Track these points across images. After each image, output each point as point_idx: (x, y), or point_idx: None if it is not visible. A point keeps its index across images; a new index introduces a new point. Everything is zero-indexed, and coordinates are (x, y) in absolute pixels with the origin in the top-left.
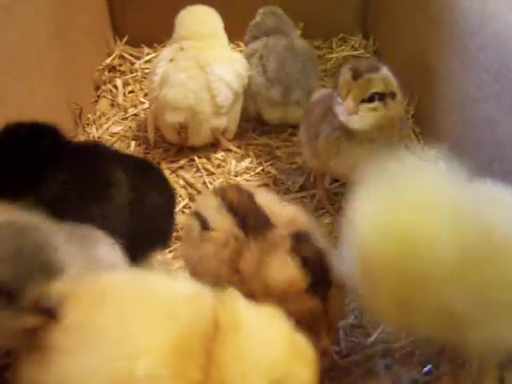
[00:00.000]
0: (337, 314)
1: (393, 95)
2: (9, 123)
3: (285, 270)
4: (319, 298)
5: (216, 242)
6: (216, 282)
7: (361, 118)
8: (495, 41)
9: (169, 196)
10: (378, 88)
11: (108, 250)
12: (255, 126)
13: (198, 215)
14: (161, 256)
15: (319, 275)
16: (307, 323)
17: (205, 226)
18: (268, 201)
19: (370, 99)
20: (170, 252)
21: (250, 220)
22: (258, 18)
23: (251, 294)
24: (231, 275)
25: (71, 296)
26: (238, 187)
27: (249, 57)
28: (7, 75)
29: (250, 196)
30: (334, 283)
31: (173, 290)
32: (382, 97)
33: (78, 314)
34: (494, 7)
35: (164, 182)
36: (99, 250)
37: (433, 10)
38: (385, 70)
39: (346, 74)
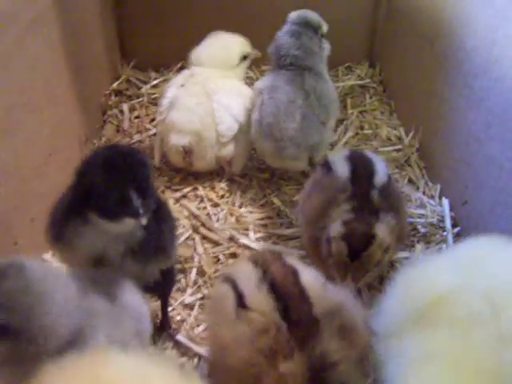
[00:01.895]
0: None
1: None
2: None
3: None
4: None
5: (253, 325)
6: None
7: None
8: (500, 84)
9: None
10: (377, 260)
11: (134, 297)
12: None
13: (233, 286)
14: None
15: None
16: None
17: (241, 302)
18: (313, 283)
19: None
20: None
21: (293, 310)
22: (281, 41)
23: None
24: (268, 369)
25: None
26: (281, 261)
27: (255, 96)
28: (16, 106)
29: (295, 275)
30: None
31: None
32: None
33: None
34: (499, 51)
35: None
36: (126, 297)
37: (439, 48)
38: (381, 229)
39: (340, 247)
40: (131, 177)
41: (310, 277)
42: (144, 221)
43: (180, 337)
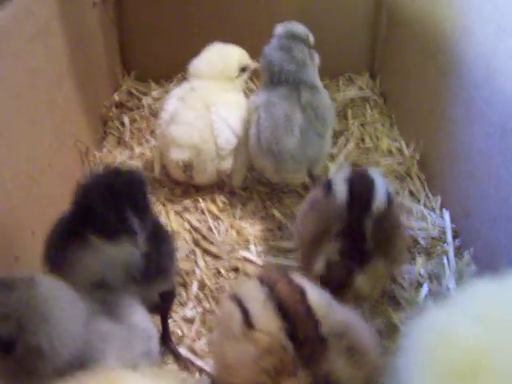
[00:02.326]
0: None
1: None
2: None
3: None
4: None
5: (259, 344)
6: None
7: None
8: (501, 96)
9: None
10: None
11: (142, 317)
12: None
13: (240, 305)
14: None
15: None
16: None
17: (247, 321)
18: (319, 302)
19: None
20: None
21: (299, 328)
22: (271, 56)
23: None
24: None
25: None
26: (288, 279)
27: (251, 112)
28: (17, 119)
29: (302, 293)
30: None
31: None
32: None
33: None
34: (498, 63)
35: None
36: (134, 317)
37: (440, 60)
38: (360, 280)
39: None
40: (128, 196)
41: (317, 296)
42: (140, 240)
43: (181, 350)
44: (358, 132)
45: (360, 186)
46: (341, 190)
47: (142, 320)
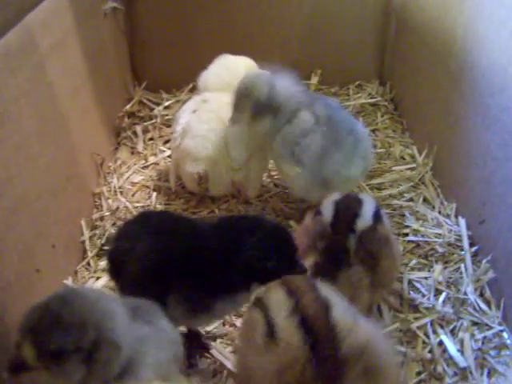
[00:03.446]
0: None
1: None
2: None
3: None
4: None
5: (280, 357)
6: None
7: None
8: None
9: None
10: None
11: (167, 322)
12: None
13: (265, 314)
14: None
15: None
16: None
17: (271, 332)
18: (344, 317)
19: None
20: None
21: (320, 346)
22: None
23: None
24: None
25: None
26: (316, 293)
27: (302, 136)
28: (37, 134)
29: (327, 309)
30: None
31: None
32: None
33: None
34: None
35: None
36: (162, 321)
37: (452, 66)
38: None
39: None
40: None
41: (342, 311)
42: None
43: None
44: (370, 139)
45: (345, 206)
46: (327, 210)
47: (168, 324)
